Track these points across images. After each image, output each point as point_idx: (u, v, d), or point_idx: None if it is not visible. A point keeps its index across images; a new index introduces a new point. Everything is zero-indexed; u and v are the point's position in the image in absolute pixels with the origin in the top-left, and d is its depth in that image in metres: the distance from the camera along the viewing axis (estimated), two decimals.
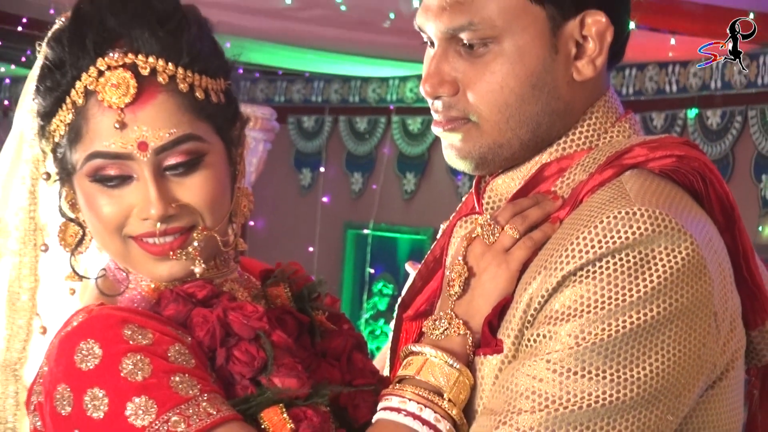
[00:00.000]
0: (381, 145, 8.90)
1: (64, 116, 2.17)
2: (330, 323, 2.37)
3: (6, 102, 10.86)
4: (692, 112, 7.22)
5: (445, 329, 2.17)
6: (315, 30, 7.19)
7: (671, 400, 2.10)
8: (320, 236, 8.92)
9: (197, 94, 2.18)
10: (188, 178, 2.18)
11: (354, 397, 2.23)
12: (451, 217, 2.45)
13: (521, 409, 2.08)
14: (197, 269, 2.18)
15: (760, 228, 6.67)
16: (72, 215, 2.25)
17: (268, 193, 9.54)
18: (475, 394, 2.18)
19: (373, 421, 2.16)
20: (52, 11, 2.32)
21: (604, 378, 2.07)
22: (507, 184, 2.31)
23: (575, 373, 2.07)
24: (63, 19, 2.23)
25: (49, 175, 2.25)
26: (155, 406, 2.06)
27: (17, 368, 2.28)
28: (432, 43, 2.30)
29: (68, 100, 2.16)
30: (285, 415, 2.12)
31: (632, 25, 6.71)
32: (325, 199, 9.17)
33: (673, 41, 6.98)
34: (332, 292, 7.79)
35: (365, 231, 8.85)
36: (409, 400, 2.12)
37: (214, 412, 2.07)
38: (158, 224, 2.15)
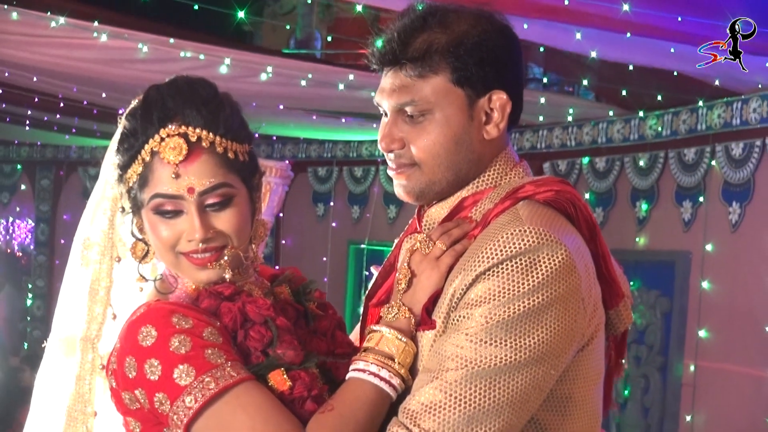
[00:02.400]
0: (372, 186, 8.90)
1: (136, 168, 2.19)
2: (319, 310, 2.36)
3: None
4: (585, 160, 7.22)
5: (395, 314, 2.19)
6: (322, 104, 7.20)
7: (553, 360, 2.11)
8: (331, 250, 8.91)
9: (229, 155, 2.20)
10: (222, 212, 2.20)
11: (336, 362, 2.23)
12: (400, 235, 2.46)
13: (448, 368, 2.08)
14: (227, 276, 2.20)
15: (637, 239, 6.66)
16: (140, 236, 2.26)
17: (294, 221, 9.55)
18: (418, 358, 2.18)
19: (346, 379, 2.16)
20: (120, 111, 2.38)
21: (506, 345, 2.07)
22: (438, 211, 2.31)
23: (485, 342, 2.08)
24: (136, 100, 2.25)
25: (123, 209, 2.27)
26: (194, 370, 2.07)
27: (95, 342, 2.28)
28: (386, 114, 2.31)
29: (139, 158, 2.18)
30: (285, 376, 2.14)
31: (542, 99, 6.64)
32: (334, 225, 9.17)
33: (570, 110, 6.98)
34: (339, 290, 7.72)
35: (362, 246, 8.84)
36: (371, 363, 2.14)
37: (236, 374, 2.09)
38: (200, 244, 2.18)
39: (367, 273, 8.80)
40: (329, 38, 5.30)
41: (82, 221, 2.37)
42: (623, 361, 2.46)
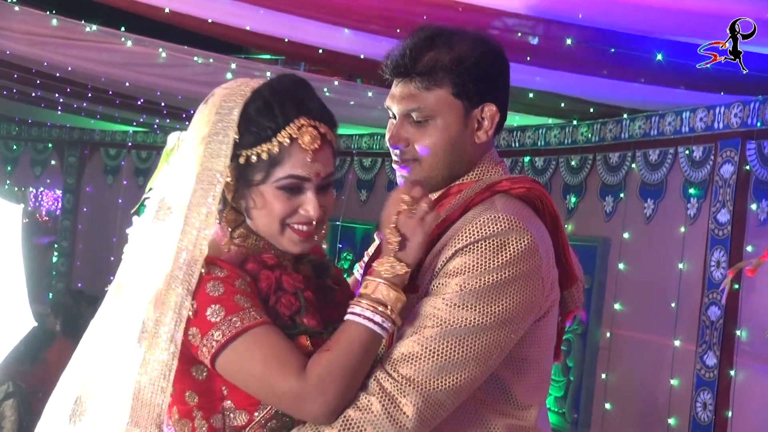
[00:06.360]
0: (347, 173, 8.88)
1: (267, 147, 2.13)
2: (336, 285, 2.33)
3: (130, 143, 10.76)
4: (527, 159, 7.24)
5: (389, 267, 2.15)
6: None
7: (514, 325, 2.14)
8: None
9: (335, 147, 2.19)
10: (325, 196, 2.19)
11: None
12: None
13: (426, 325, 2.11)
14: (324, 246, 2.26)
15: (566, 226, 6.66)
16: (234, 206, 2.20)
17: None
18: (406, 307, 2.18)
19: (344, 320, 2.14)
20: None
21: (475, 310, 2.10)
22: None
23: (459, 306, 2.10)
24: (250, 90, 2.16)
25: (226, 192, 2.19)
26: (224, 310, 2.06)
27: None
28: (394, 117, 2.31)
29: (275, 140, 2.13)
30: (309, 342, 2.12)
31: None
32: None
33: (517, 117, 7.00)
34: None
35: (337, 223, 8.80)
36: (366, 309, 2.12)
37: (258, 317, 2.07)
38: (313, 221, 2.16)
39: (340, 246, 8.81)
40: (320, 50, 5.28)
41: (174, 188, 2.19)
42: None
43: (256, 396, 2.10)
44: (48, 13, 5.77)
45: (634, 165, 6.25)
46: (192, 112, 2.39)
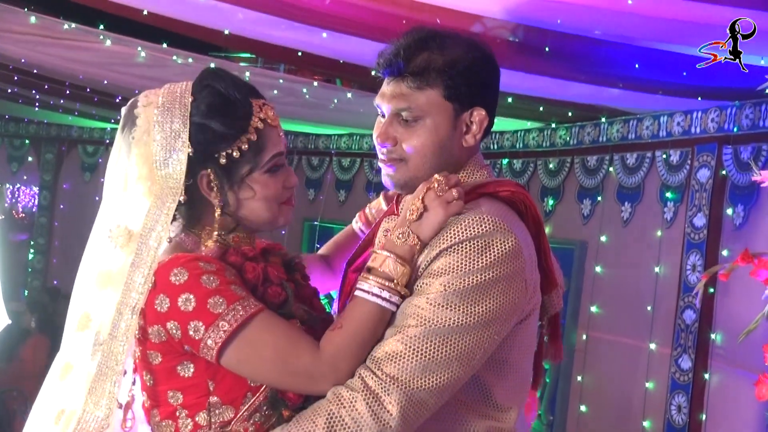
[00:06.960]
0: (326, 173, 8.86)
1: (247, 138, 2.17)
2: (303, 281, 2.35)
3: (107, 141, 10.71)
4: (505, 161, 7.25)
5: (405, 239, 2.18)
6: (290, 109, 7.14)
7: (497, 326, 2.14)
8: (288, 225, 8.85)
9: None
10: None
11: (315, 322, 2.22)
12: (380, 216, 2.49)
13: (410, 325, 2.11)
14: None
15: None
16: (228, 212, 2.22)
17: None
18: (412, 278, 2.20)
19: (354, 295, 2.17)
20: (136, 91, 2.29)
21: (459, 310, 2.10)
22: None
23: (442, 306, 2.10)
24: (192, 98, 2.18)
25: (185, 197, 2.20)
26: (225, 301, 2.06)
27: (135, 309, 2.13)
28: (384, 115, 2.31)
29: (251, 128, 2.17)
30: (299, 325, 2.15)
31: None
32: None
33: (496, 119, 6.98)
34: None
35: (315, 223, 8.79)
36: (374, 286, 2.15)
37: (258, 304, 2.09)
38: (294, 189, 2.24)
39: (318, 246, 8.80)
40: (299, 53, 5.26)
41: (120, 210, 2.21)
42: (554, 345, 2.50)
43: (265, 380, 2.12)
44: (26, 10, 5.74)
45: (611, 168, 6.28)
46: None
